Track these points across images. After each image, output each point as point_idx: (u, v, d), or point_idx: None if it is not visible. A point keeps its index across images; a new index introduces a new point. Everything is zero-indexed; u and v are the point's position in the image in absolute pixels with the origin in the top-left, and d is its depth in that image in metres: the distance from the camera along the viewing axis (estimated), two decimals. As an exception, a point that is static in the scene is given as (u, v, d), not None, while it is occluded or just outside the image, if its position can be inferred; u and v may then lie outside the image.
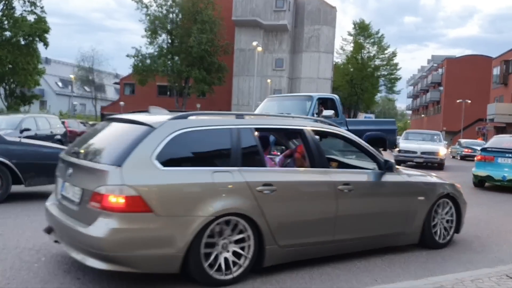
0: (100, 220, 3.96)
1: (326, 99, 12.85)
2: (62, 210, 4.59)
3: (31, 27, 36.23)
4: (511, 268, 5.11)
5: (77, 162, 4.51)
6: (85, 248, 4.04)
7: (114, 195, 3.94)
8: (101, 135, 5.01)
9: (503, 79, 51.44)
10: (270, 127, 5.58)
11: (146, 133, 4.27)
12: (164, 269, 4.22)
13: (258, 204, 4.50)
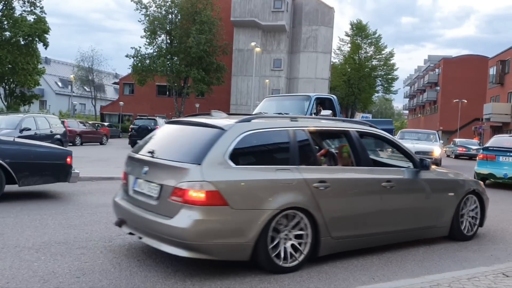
0: (182, 212, 4.42)
1: (324, 99, 12.88)
2: (137, 204, 5.04)
3: (30, 27, 36.20)
4: (508, 267, 5.15)
5: (154, 161, 4.93)
6: (168, 238, 4.48)
7: (195, 190, 4.40)
8: (172, 136, 5.52)
9: (499, 79, 51.54)
10: (320, 129, 6.04)
11: (219, 135, 4.73)
12: (237, 257, 4.65)
13: (314, 199, 4.96)
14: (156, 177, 4.80)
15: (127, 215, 5.11)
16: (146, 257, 5.07)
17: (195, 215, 4.37)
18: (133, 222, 5.00)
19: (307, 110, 11.79)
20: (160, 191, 4.69)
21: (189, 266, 4.80)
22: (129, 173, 5.38)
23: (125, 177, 5.48)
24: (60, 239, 5.67)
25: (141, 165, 5.07)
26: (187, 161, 4.58)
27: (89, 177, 11.60)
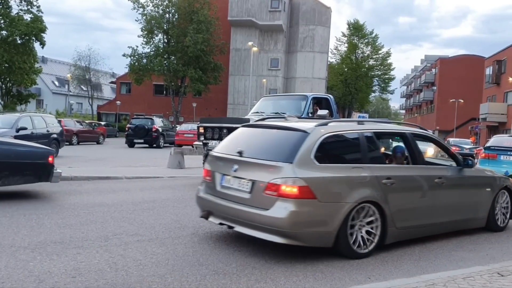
0: (278, 204, 5.07)
1: (321, 98, 12.87)
2: (227, 198, 5.66)
3: (27, 26, 36.10)
4: (503, 266, 5.17)
5: (244, 160, 5.53)
6: (264, 227, 5.15)
7: (289, 185, 5.04)
8: (257, 138, 6.14)
9: (495, 79, 51.66)
10: (382, 131, 6.76)
11: (304, 137, 5.40)
12: (322, 243, 5.33)
13: (383, 193, 5.64)
14: (247, 174, 5.46)
15: (215, 207, 5.80)
16: (142, 257, 5.06)
17: (290, 207, 5.02)
18: (223, 213, 5.69)
19: (304, 110, 11.78)
20: (252, 186, 5.35)
21: (185, 268, 4.81)
22: (215, 170, 6.00)
23: (208, 174, 6.12)
24: (56, 238, 5.66)
25: (229, 163, 5.70)
26: (279, 160, 5.24)
27: (86, 177, 11.59)
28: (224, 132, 11.17)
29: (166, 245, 5.57)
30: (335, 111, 12.56)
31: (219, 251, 5.44)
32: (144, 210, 7.76)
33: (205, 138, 11.66)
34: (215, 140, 11.24)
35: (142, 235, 6.02)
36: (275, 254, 5.41)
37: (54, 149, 9.07)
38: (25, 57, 37.31)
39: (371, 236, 5.55)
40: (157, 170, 14.33)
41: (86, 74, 60.74)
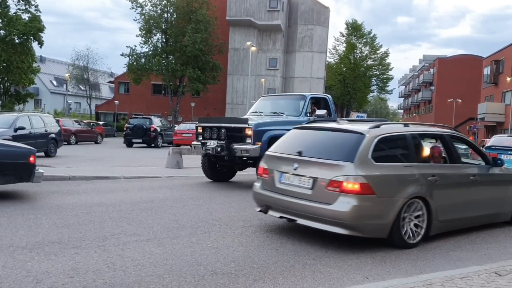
0: (341, 199, 5.63)
1: (319, 98, 12.85)
2: (287, 194, 6.24)
3: (25, 25, 36.08)
4: (500, 266, 5.18)
5: (304, 159, 6.10)
6: (327, 220, 5.72)
7: (351, 182, 5.60)
8: (314, 139, 6.65)
9: (493, 78, 51.74)
10: (425, 133, 7.48)
11: (361, 138, 5.97)
12: (379, 235, 5.89)
13: (429, 190, 6.22)
14: (307, 172, 6.02)
15: (275, 202, 6.40)
16: (140, 257, 5.06)
17: (353, 201, 5.57)
18: (283, 207, 6.30)
19: (302, 110, 11.78)
20: (314, 183, 5.91)
21: (183, 267, 4.81)
22: (273, 168, 6.59)
23: (266, 172, 6.72)
24: (54, 238, 5.65)
25: (289, 162, 6.30)
26: (341, 159, 5.80)
27: (84, 177, 11.58)
28: (222, 132, 11.16)
29: (164, 245, 5.57)
30: (333, 110, 12.56)
31: (217, 251, 5.44)
32: (142, 210, 7.76)
33: (203, 138, 11.64)
34: (213, 140, 11.23)
35: (140, 235, 6.02)
36: (273, 254, 5.42)
37: (35, 149, 8.88)
38: (23, 56, 37.30)
39: (418, 228, 6.12)
40: (156, 170, 14.32)
41: (84, 74, 60.71)
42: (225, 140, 10.97)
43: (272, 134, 10.76)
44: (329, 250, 5.69)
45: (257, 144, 10.55)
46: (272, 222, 7.22)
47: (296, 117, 11.61)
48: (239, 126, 10.90)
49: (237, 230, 6.52)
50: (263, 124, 10.95)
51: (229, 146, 10.84)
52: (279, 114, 11.90)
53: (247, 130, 10.67)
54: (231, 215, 7.67)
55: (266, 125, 10.92)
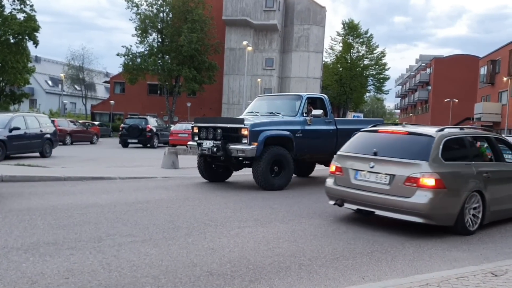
0: (418, 193, 6.60)
1: (315, 98, 12.84)
2: (362, 189, 7.17)
3: (20, 25, 35.95)
4: (496, 266, 5.19)
5: (381, 158, 7.06)
6: (406, 211, 6.70)
7: (426, 177, 6.59)
8: (386, 141, 7.51)
9: (490, 78, 51.86)
10: (477, 135, 8.42)
11: (431, 140, 6.99)
12: (447, 223, 6.87)
13: (484, 184, 7.23)
14: (384, 169, 6.97)
15: (351, 196, 7.37)
16: (135, 258, 5.04)
17: (429, 195, 6.55)
18: (360, 201, 7.26)
19: (298, 110, 11.76)
20: (391, 179, 6.86)
21: (178, 268, 4.79)
22: (347, 167, 7.53)
23: (340, 170, 7.64)
24: (49, 239, 5.63)
25: (364, 161, 7.25)
26: (416, 159, 6.77)
27: (79, 177, 11.55)
28: (218, 132, 11.13)
29: (159, 246, 5.55)
30: (330, 111, 12.57)
31: (213, 251, 5.43)
32: (138, 210, 7.74)
33: (199, 138, 11.62)
34: (209, 140, 11.21)
35: (135, 235, 6.00)
36: (269, 255, 5.40)
37: None
38: (18, 56, 37.15)
39: (475, 218, 7.13)
40: (151, 170, 14.29)
41: (80, 74, 60.52)
42: (221, 140, 10.95)
43: (268, 134, 10.79)
44: (325, 251, 5.68)
45: (253, 144, 10.52)
46: (266, 222, 7.21)
47: (292, 117, 11.61)
48: (235, 126, 10.88)
49: (233, 231, 6.50)
50: (259, 124, 10.92)
51: (225, 146, 10.83)
52: (275, 114, 11.89)
53: (243, 130, 10.65)
54: (227, 215, 7.65)
55: (262, 125, 10.90)
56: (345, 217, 8.00)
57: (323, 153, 12.78)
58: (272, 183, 10.82)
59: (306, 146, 11.77)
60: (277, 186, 10.88)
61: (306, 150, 11.92)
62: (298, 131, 11.47)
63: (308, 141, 11.76)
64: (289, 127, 11.33)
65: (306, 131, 11.66)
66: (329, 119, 12.43)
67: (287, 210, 8.39)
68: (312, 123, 11.79)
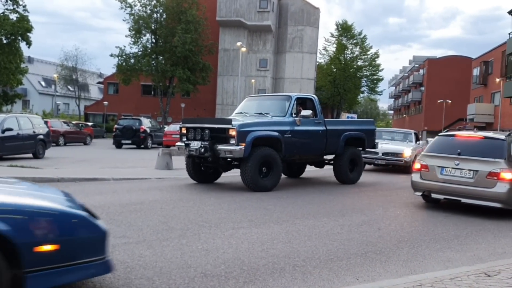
0: (498, 185, 8.37)
1: (305, 99, 12.78)
2: (449, 183, 8.93)
3: (13, 26, 35.77)
4: (489, 266, 5.21)
5: (465, 157, 8.77)
6: (488, 198, 8.48)
7: (505, 172, 8.35)
8: (464, 144, 9.19)
9: (482, 79, 52.15)
10: None
11: (503, 143, 8.81)
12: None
13: None
14: (468, 166, 8.70)
15: (438, 188, 9.13)
16: (129, 259, 5.03)
17: (508, 186, 8.33)
18: (447, 192, 9.00)
19: (287, 110, 11.70)
20: (474, 174, 8.61)
21: (172, 270, 4.78)
22: (433, 164, 9.27)
23: (426, 167, 9.42)
24: (42, 241, 5.59)
25: (449, 160, 9.01)
26: (495, 157, 8.55)
27: (72, 178, 11.51)
28: (206, 132, 11.05)
29: (153, 247, 5.53)
30: (319, 111, 12.52)
31: (207, 253, 5.42)
32: (132, 212, 7.71)
33: (187, 138, 11.55)
34: (197, 141, 11.12)
35: (129, 237, 5.98)
36: (263, 256, 5.40)
37: None
38: (11, 57, 36.95)
39: None
40: (145, 171, 14.26)
41: (73, 74, 60.30)
42: (208, 141, 10.87)
43: (257, 135, 10.68)
44: (319, 252, 5.69)
45: (241, 145, 10.41)
46: (260, 223, 7.21)
47: (281, 118, 11.55)
48: (223, 127, 10.80)
49: (227, 232, 6.50)
50: (247, 125, 10.84)
51: (213, 147, 10.74)
52: (264, 115, 11.79)
53: (231, 131, 10.55)
54: (221, 216, 7.64)
55: (250, 126, 10.82)
56: (338, 218, 8.01)
57: (313, 154, 12.75)
58: (260, 184, 10.73)
59: (295, 147, 11.70)
60: (265, 187, 10.79)
61: (295, 151, 11.86)
62: (287, 132, 11.38)
63: (297, 142, 11.69)
64: (278, 128, 11.24)
65: (295, 132, 11.58)
66: (318, 120, 12.38)
67: (281, 211, 8.39)
68: (301, 123, 11.72)
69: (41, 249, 3.50)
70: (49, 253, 3.54)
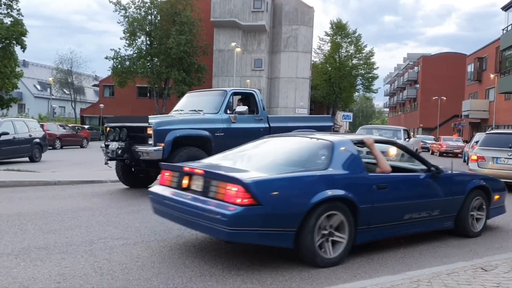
0: None
1: (245, 94, 11.81)
2: (503, 169, 11.32)
3: (7, 30, 35.69)
4: (486, 261, 5.23)
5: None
6: None
7: None
8: (507, 139, 12.22)
9: (477, 76, 52.37)
10: None
11: None
12: None
13: None
14: None
15: (494, 174, 9.87)
16: (127, 260, 5.04)
17: None
18: (502, 177, 9.71)
19: (221, 106, 10.69)
20: None
21: (170, 270, 4.79)
22: (488, 155, 12.04)
23: (482, 158, 12.13)
24: (40, 244, 5.60)
25: (501, 152, 11.79)
26: None
27: (70, 181, 11.50)
28: (124, 131, 10.17)
29: (151, 248, 5.55)
30: (262, 107, 11.47)
31: (205, 253, 5.44)
32: (129, 213, 7.72)
33: (107, 139, 10.71)
34: (115, 142, 10.29)
35: (127, 238, 5.99)
36: (261, 255, 5.42)
37: None
38: (5, 61, 36.89)
39: None
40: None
41: (69, 78, 60.19)
42: (125, 141, 9.94)
43: (178, 134, 9.73)
44: (317, 250, 5.70)
45: (159, 146, 9.45)
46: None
47: (214, 115, 10.61)
48: (140, 126, 9.82)
49: (225, 232, 6.50)
50: (167, 122, 9.89)
51: (130, 148, 9.78)
52: (197, 111, 10.83)
53: (148, 130, 9.56)
54: (219, 216, 7.64)
55: (170, 124, 9.84)
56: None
57: None
58: None
59: (230, 146, 10.29)
60: None
61: None
62: (219, 130, 10.36)
63: (233, 141, 9.89)
64: (208, 126, 10.22)
65: (230, 130, 10.54)
66: (259, 117, 11.33)
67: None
68: (237, 121, 10.71)
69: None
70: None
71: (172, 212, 5.36)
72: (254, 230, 4.63)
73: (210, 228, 4.76)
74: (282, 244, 4.90)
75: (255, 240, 4.78)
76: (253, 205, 4.55)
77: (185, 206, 5.08)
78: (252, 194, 4.54)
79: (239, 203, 4.53)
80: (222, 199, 4.73)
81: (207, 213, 4.74)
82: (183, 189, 5.37)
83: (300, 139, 6.27)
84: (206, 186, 5.04)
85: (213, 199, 4.84)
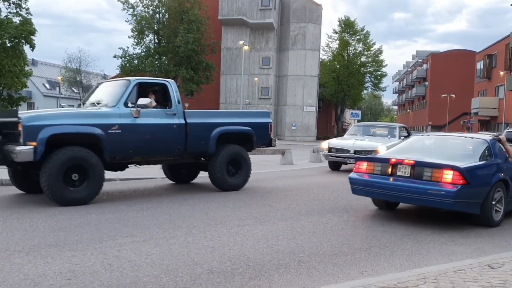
0: None
1: (156, 84, 10.15)
2: None
3: (16, 29, 35.89)
4: (493, 259, 5.25)
5: None
6: None
7: None
8: None
9: (486, 73, 51.99)
10: None
11: None
12: None
13: None
14: None
15: None
16: (137, 258, 5.09)
17: None
18: None
19: (121, 99, 8.97)
20: None
21: (179, 267, 4.84)
22: None
23: None
24: (50, 241, 5.67)
25: None
26: None
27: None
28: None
29: (160, 246, 5.60)
30: (176, 100, 9.78)
31: (213, 250, 5.48)
32: (138, 211, 7.79)
33: None
34: None
35: (136, 236, 6.05)
36: (268, 252, 5.46)
37: None
38: (15, 60, 37.09)
39: None
40: (151, 171, 14.31)
41: (77, 76, 60.50)
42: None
43: (56, 131, 8.03)
44: (323, 247, 5.74)
45: (30, 145, 7.80)
46: (265, 220, 7.27)
47: (109, 108, 8.91)
48: (11, 121, 8.18)
49: (233, 229, 6.56)
50: (41, 117, 8.19)
51: (2, 147, 8.20)
52: (95, 104, 9.33)
53: (19, 126, 7.92)
54: (227, 214, 7.71)
55: (45, 119, 8.13)
56: (343, 214, 8.06)
57: (164, 155, 9.89)
58: (67, 197, 8.09)
59: (131, 146, 8.98)
60: (76, 201, 8.15)
61: (131, 151, 9.08)
62: (114, 126, 8.65)
63: (134, 139, 8.98)
64: (99, 121, 8.52)
65: (129, 126, 8.86)
66: (172, 111, 9.63)
67: (285, 208, 8.45)
68: (140, 115, 8.99)
69: None
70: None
71: (382, 192, 7.40)
72: (463, 201, 6.71)
73: (435, 201, 6.80)
74: (473, 210, 6.97)
75: (460, 208, 6.86)
76: (465, 184, 6.63)
77: (400, 187, 7.08)
78: (464, 177, 6.64)
79: (457, 183, 6.62)
80: (437, 181, 6.80)
81: (430, 191, 6.75)
82: (389, 175, 7.32)
83: (458, 138, 8.64)
84: (419, 172, 7.02)
85: (428, 181, 6.87)
